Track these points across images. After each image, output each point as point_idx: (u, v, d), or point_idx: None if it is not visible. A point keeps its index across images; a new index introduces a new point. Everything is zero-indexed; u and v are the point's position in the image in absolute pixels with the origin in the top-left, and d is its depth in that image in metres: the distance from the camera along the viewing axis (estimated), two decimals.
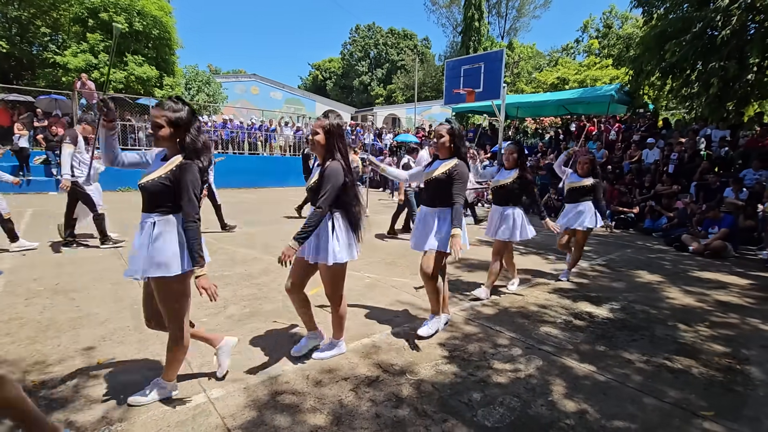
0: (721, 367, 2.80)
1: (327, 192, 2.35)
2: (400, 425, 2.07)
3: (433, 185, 3.00)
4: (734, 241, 6.61)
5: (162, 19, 18.11)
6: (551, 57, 35.25)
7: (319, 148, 2.46)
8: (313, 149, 2.50)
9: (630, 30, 26.27)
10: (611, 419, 2.16)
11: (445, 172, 2.92)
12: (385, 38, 47.05)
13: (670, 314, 3.81)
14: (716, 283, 4.96)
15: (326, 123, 2.42)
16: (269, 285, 4.22)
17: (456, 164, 2.92)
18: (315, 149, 2.48)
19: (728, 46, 9.37)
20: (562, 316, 3.66)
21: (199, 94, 24.04)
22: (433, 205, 3.00)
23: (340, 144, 2.45)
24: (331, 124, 2.42)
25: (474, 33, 25.90)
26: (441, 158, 3.06)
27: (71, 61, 16.56)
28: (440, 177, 2.93)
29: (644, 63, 11.78)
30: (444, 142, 2.99)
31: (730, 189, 7.92)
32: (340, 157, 2.44)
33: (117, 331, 3.03)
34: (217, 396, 2.27)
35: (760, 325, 3.61)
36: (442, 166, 2.98)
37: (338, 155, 2.43)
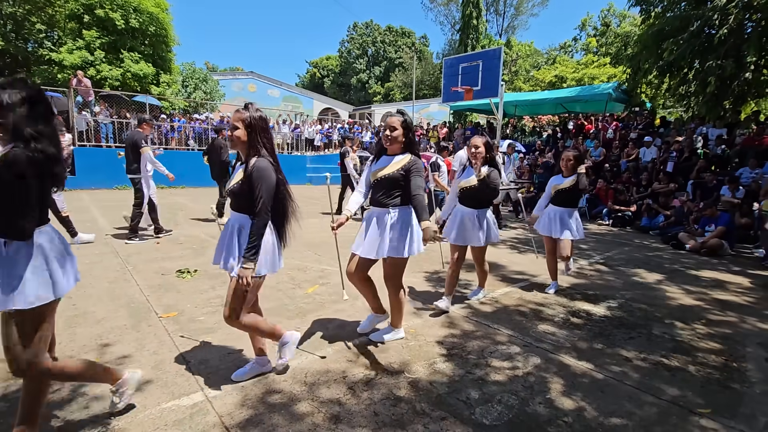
0: (718, 364, 2.81)
1: (262, 195, 2.10)
2: (399, 423, 2.07)
3: (385, 184, 2.67)
4: (731, 239, 6.64)
5: (158, 16, 18.03)
6: (549, 55, 35.29)
7: (240, 145, 2.19)
8: (233, 146, 2.24)
9: (628, 28, 26.31)
10: (609, 417, 2.17)
11: (400, 169, 2.62)
12: (383, 36, 46.96)
13: (667, 312, 3.82)
14: (713, 281, 4.99)
15: (246, 116, 2.15)
16: (266, 283, 4.19)
17: (411, 159, 2.64)
18: (236, 146, 2.22)
19: (725, 45, 9.39)
20: (559, 314, 3.66)
21: (196, 91, 23.95)
22: (384, 206, 2.69)
23: (264, 139, 2.19)
24: (252, 116, 2.16)
25: (472, 31, 25.88)
26: (390, 153, 2.72)
27: (67, 58, 16.47)
28: (395, 175, 2.63)
29: (642, 61, 11.80)
30: (397, 135, 2.64)
31: (726, 187, 7.96)
32: (266, 153, 2.19)
33: (114, 330, 3.02)
34: (214, 395, 2.26)
35: (757, 322, 3.63)
36: (394, 162, 2.66)
37: (263, 151, 2.19)
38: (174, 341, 2.87)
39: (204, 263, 4.78)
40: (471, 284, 4.44)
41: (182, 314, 3.36)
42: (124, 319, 3.20)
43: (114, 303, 3.54)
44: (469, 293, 4.06)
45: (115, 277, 4.24)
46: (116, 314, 3.31)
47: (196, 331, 3.04)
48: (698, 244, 6.58)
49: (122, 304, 3.53)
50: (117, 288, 3.92)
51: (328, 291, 4.03)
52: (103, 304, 3.50)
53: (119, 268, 4.55)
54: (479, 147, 2.96)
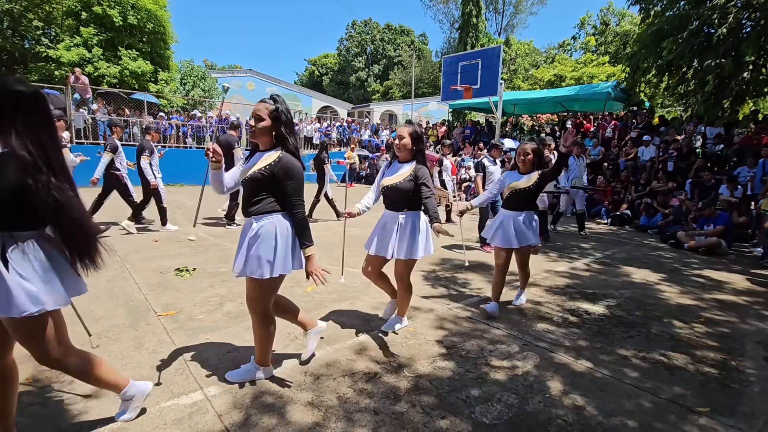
0: (717, 363, 2.82)
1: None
2: (399, 421, 2.07)
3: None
4: (729, 238, 6.66)
5: (156, 13, 17.95)
6: (548, 54, 35.28)
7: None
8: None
9: (627, 27, 26.32)
10: (608, 416, 2.17)
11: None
12: (381, 34, 46.84)
13: (665, 311, 3.83)
14: (711, 280, 5.00)
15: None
16: None
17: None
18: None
19: (724, 44, 9.40)
20: (558, 313, 3.67)
21: (195, 89, 23.86)
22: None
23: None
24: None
25: (471, 29, 25.81)
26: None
27: (64, 55, 16.38)
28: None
29: (641, 60, 11.82)
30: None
31: (725, 186, 7.98)
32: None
33: (112, 329, 3.00)
34: (214, 393, 2.25)
35: (755, 321, 3.64)
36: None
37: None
38: (173, 340, 2.86)
39: (203, 262, 4.77)
40: (470, 283, 4.45)
41: (181, 313, 3.35)
42: (122, 318, 3.19)
43: (112, 301, 3.53)
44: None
45: (113, 275, 4.22)
46: (115, 313, 3.30)
47: (195, 330, 3.03)
48: (696, 243, 6.60)
49: (121, 302, 3.51)
50: (115, 286, 3.90)
51: (328, 290, 4.03)
52: (101, 303, 3.48)
53: (117, 266, 4.54)
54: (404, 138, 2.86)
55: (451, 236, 2.61)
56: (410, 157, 2.88)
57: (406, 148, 2.84)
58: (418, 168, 2.81)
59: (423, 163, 2.85)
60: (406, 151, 2.86)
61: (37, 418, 2.00)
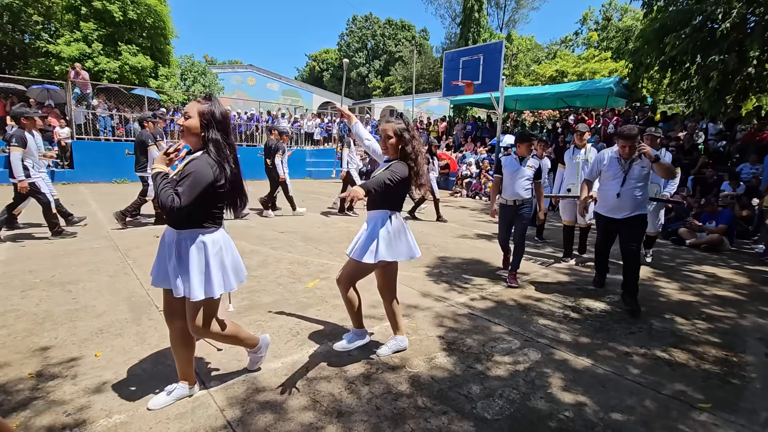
0: (718, 359, 2.82)
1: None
2: (400, 417, 2.07)
3: None
4: (731, 235, 6.65)
5: (156, 8, 17.87)
6: (550, 49, 35.11)
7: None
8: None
9: (629, 22, 26.16)
10: (609, 411, 2.18)
11: None
12: (382, 29, 46.67)
13: (667, 307, 3.83)
14: (713, 276, 4.99)
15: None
16: (267, 277, 4.20)
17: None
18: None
19: (728, 39, 9.34)
20: (559, 309, 3.67)
21: (195, 84, 23.82)
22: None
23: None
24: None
25: (473, 24, 25.67)
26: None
27: (64, 50, 16.34)
28: None
29: (644, 56, 11.73)
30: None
31: (727, 183, 7.95)
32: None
33: (114, 324, 3.01)
34: (216, 388, 2.26)
35: (756, 318, 3.64)
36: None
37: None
38: None
39: None
40: (471, 280, 4.44)
41: None
42: (124, 313, 3.20)
43: (114, 297, 3.53)
44: None
45: (115, 270, 4.23)
46: (117, 308, 3.30)
47: None
48: (698, 240, 6.59)
49: (123, 297, 3.52)
50: (117, 282, 3.91)
51: (329, 285, 4.03)
52: (104, 298, 3.49)
53: (119, 262, 4.54)
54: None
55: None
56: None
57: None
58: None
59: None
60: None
61: (40, 412, 2.01)
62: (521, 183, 4.14)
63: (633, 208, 3.62)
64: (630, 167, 3.61)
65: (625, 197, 3.61)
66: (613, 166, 3.72)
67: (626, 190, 3.61)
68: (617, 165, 3.69)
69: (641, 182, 3.61)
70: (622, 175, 3.63)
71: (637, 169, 3.60)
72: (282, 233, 6.30)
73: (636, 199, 3.61)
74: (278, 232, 6.35)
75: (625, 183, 3.61)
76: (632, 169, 3.61)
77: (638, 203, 3.62)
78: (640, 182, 3.61)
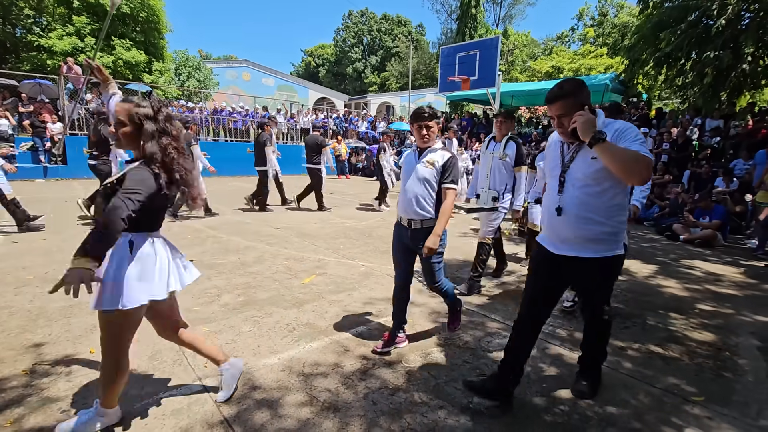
0: (711, 353, 2.85)
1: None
2: (396, 412, 2.08)
3: None
4: (724, 230, 6.70)
5: (150, 2, 17.68)
6: (546, 45, 35.09)
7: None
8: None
9: (626, 18, 26.19)
10: (604, 405, 2.19)
11: None
12: (378, 24, 46.41)
13: (661, 302, 3.86)
14: (706, 271, 5.04)
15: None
16: (263, 273, 4.19)
17: None
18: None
19: (723, 36, 9.37)
20: None
21: (190, 80, 23.62)
22: None
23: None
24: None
25: (470, 20, 25.63)
26: None
27: (56, 44, 16.16)
28: None
29: (639, 52, 11.76)
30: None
31: (720, 179, 8.01)
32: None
33: None
34: (212, 384, 2.25)
35: (749, 312, 3.68)
36: None
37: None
38: None
39: (200, 253, 4.75)
40: (464, 277, 4.46)
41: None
42: None
43: None
44: None
45: None
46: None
47: (192, 322, 3.02)
48: (692, 236, 6.64)
49: None
50: None
51: (325, 281, 4.03)
52: None
53: None
54: None
55: None
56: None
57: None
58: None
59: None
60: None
61: (34, 408, 2.00)
62: (414, 189, 2.55)
63: (583, 240, 1.94)
64: (573, 158, 1.96)
65: (568, 216, 1.95)
66: (553, 154, 2.11)
67: (568, 199, 1.95)
68: (557, 153, 2.06)
69: (597, 186, 1.88)
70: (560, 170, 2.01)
71: (584, 162, 1.91)
72: (278, 229, 6.29)
73: (585, 222, 1.91)
74: (274, 228, 6.33)
75: (565, 187, 1.97)
76: (576, 161, 1.94)
77: (591, 232, 1.92)
78: (592, 186, 1.89)
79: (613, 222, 1.93)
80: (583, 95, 1.92)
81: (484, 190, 3.95)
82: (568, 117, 1.89)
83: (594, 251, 1.95)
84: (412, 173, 2.58)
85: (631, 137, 1.79)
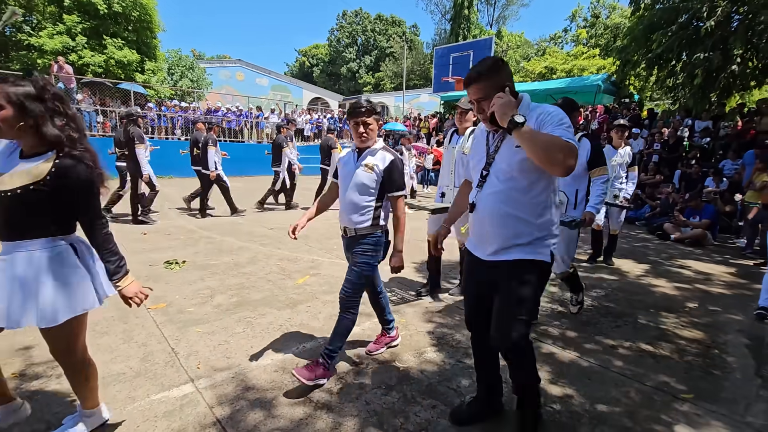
0: (700, 351, 2.88)
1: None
2: (390, 412, 2.09)
3: None
4: (714, 229, 6.79)
5: (142, 1, 17.53)
6: (539, 46, 35.29)
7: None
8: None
9: (618, 20, 26.38)
10: (595, 403, 2.21)
11: None
12: (373, 25, 46.41)
13: (652, 301, 3.90)
14: (696, 270, 5.10)
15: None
16: (257, 274, 4.18)
17: None
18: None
19: (713, 37, 9.48)
20: (547, 303, 3.71)
21: (183, 79, 23.45)
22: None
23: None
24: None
25: (463, 20, 25.67)
26: None
27: (47, 43, 15.97)
28: None
29: (631, 53, 11.86)
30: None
31: (710, 179, 8.11)
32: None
33: (100, 322, 2.97)
34: (204, 385, 2.25)
35: (737, 311, 3.73)
36: None
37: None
38: (162, 333, 2.84)
39: (192, 254, 4.73)
40: (459, 276, 4.47)
41: (171, 305, 3.32)
42: (110, 311, 3.16)
43: None
44: None
45: None
46: (102, 306, 3.24)
47: (185, 323, 3.01)
48: (683, 235, 6.72)
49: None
50: None
51: (319, 282, 4.03)
52: None
53: None
54: None
55: None
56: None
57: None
58: None
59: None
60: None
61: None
62: (350, 196, 2.32)
63: (504, 240, 1.73)
64: (498, 148, 1.76)
65: (483, 211, 1.77)
66: (479, 146, 1.89)
67: (490, 194, 1.75)
68: (483, 145, 1.85)
69: (523, 179, 1.69)
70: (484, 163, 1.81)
71: (509, 152, 1.71)
72: (271, 230, 6.27)
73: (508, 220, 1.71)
74: (268, 229, 6.31)
75: (488, 180, 1.77)
76: (500, 151, 1.75)
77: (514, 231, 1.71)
78: (517, 179, 1.69)
79: (540, 222, 1.71)
80: (503, 75, 1.71)
81: (449, 188, 3.51)
82: (488, 101, 1.69)
83: (517, 253, 1.71)
84: (351, 178, 2.31)
85: (555, 122, 1.60)
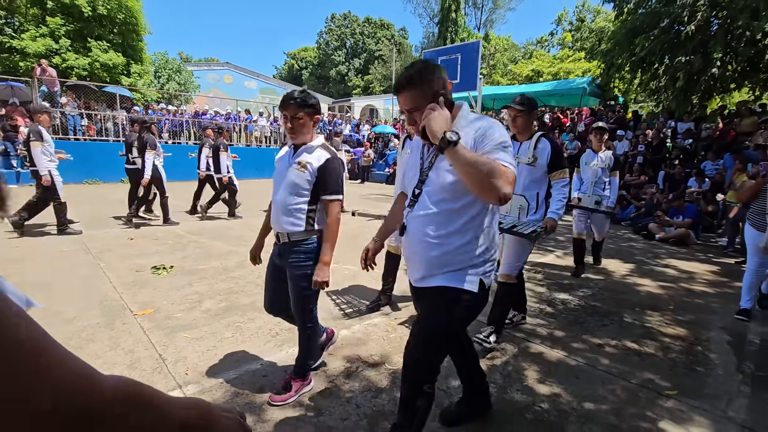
0: (684, 349, 2.95)
1: None
2: (380, 414, 2.09)
3: None
4: (697, 229, 6.95)
5: (128, 3, 17.33)
6: (526, 49, 35.74)
7: None
8: None
9: (602, 24, 26.84)
10: (582, 401, 2.25)
11: None
12: (361, 28, 46.49)
13: (637, 300, 3.97)
14: (680, 269, 5.20)
15: None
16: (245, 278, 4.15)
17: None
18: None
19: (693, 41, 9.73)
20: (535, 303, 3.76)
21: (170, 82, 23.22)
22: None
23: None
24: None
25: (451, 24, 25.94)
26: None
27: (30, 45, 15.69)
28: None
29: (615, 57, 12.11)
30: None
31: (693, 179, 8.30)
32: None
33: (86, 329, 2.92)
34: (193, 392, 2.23)
35: (719, 308, 3.82)
36: None
37: None
38: (150, 339, 2.81)
39: (180, 259, 4.68)
40: None
41: (158, 311, 3.28)
42: (97, 318, 3.11)
43: (86, 301, 3.42)
44: None
45: (86, 274, 4.10)
46: (89, 313, 3.20)
47: (173, 329, 2.98)
48: (667, 235, 6.85)
49: (95, 302, 3.42)
50: (89, 286, 3.79)
51: None
52: (75, 303, 3.38)
53: (91, 265, 4.40)
54: None
55: None
56: None
57: None
58: None
59: None
60: None
61: None
62: (281, 197, 2.11)
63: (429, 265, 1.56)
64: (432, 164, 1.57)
65: (413, 235, 1.59)
66: (413, 161, 1.69)
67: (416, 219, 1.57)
68: (417, 159, 1.66)
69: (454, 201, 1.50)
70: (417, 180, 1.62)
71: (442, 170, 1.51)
72: None
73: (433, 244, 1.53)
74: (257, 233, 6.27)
75: (419, 201, 1.58)
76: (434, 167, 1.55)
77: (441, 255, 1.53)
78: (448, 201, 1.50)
79: (471, 248, 1.51)
80: (436, 83, 1.47)
81: None
82: (420, 111, 1.47)
83: (440, 280, 1.54)
84: (283, 177, 2.10)
85: (493, 142, 1.40)
